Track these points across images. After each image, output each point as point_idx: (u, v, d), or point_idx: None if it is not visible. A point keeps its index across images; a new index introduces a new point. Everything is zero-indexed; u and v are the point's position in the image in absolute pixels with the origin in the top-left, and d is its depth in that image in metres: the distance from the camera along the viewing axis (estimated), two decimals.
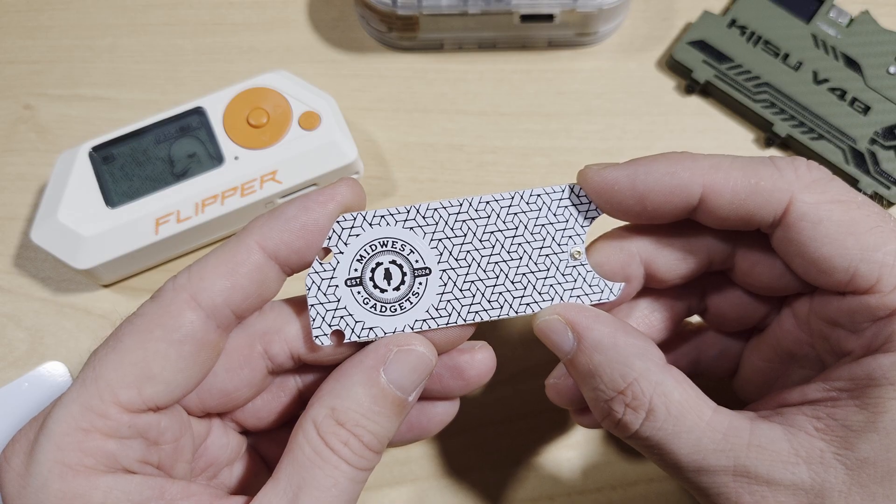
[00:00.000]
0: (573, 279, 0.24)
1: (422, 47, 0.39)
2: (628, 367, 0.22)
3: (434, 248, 0.24)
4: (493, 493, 0.31)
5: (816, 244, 0.22)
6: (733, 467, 0.21)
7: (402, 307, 0.24)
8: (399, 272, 0.24)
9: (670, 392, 0.22)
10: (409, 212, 0.24)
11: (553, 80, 0.38)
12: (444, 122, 0.38)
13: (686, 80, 0.38)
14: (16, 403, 0.33)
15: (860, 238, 0.21)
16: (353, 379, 0.22)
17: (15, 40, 0.40)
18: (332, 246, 0.24)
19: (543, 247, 0.24)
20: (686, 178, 0.22)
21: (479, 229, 0.24)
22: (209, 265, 0.22)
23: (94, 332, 0.34)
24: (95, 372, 0.21)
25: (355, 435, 0.22)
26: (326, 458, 0.21)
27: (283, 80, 0.35)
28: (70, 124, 0.38)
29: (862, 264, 0.21)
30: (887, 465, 0.20)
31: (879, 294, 0.21)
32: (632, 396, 0.22)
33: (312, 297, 0.24)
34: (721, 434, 0.21)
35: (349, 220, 0.24)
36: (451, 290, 0.24)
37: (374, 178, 0.37)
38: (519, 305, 0.24)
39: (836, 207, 0.21)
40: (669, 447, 0.22)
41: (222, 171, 0.33)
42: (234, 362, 0.24)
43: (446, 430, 0.32)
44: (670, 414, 0.21)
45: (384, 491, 0.31)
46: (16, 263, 0.36)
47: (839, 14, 0.37)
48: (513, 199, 0.24)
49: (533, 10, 0.36)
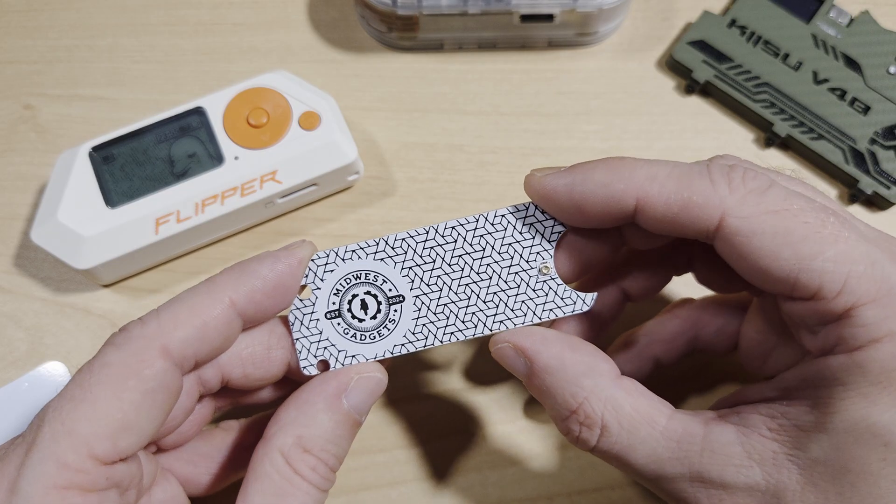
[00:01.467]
0: (544, 294, 0.25)
1: (422, 47, 0.39)
2: (578, 387, 0.23)
3: (405, 276, 0.25)
4: (492, 493, 0.31)
5: (753, 258, 0.21)
6: (689, 474, 0.22)
7: (380, 334, 0.25)
8: (374, 302, 0.25)
9: (621, 406, 0.22)
10: (379, 244, 0.25)
11: (553, 80, 0.38)
12: (444, 122, 0.38)
13: (686, 80, 0.38)
14: (16, 403, 0.33)
15: (797, 248, 0.21)
16: (316, 406, 0.23)
17: (15, 40, 0.40)
18: (309, 283, 0.25)
19: (512, 265, 0.25)
20: (620, 189, 0.22)
21: (448, 254, 0.25)
22: (181, 315, 0.22)
23: (94, 332, 0.34)
24: (66, 426, 0.20)
25: (321, 460, 0.23)
26: (297, 486, 0.22)
27: (283, 80, 0.35)
28: (70, 124, 0.38)
29: (801, 274, 0.21)
30: (838, 464, 0.20)
31: (824, 300, 0.21)
32: (584, 415, 0.23)
33: (297, 332, 0.25)
34: (675, 442, 0.22)
35: (322, 258, 0.25)
36: (426, 315, 0.25)
37: (374, 178, 0.37)
38: (493, 323, 0.25)
39: (770, 218, 0.21)
40: (627, 459, 0.22)
41: (222, 171, 0.33)
42: None
43: (446, 430, 0.32)
44: (623, 428, 0.22)
45: (384, 491, 0.32)
46: (16, 263, 0.36)
47: (839, 14, 0.37)
48: (477, 222, 0.25)
49: (533, 10, 0.36)
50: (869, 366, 0.20)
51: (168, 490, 0.25)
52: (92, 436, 0.20)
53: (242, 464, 0.27)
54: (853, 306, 0.20)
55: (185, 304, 0.23)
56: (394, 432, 0.32)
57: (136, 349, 0.22)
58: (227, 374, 0.24)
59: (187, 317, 0.22)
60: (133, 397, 0.21)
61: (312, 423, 0.23)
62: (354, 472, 0.32)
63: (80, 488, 0.20)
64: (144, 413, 0.21)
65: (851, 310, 0.20)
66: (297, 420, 0.23)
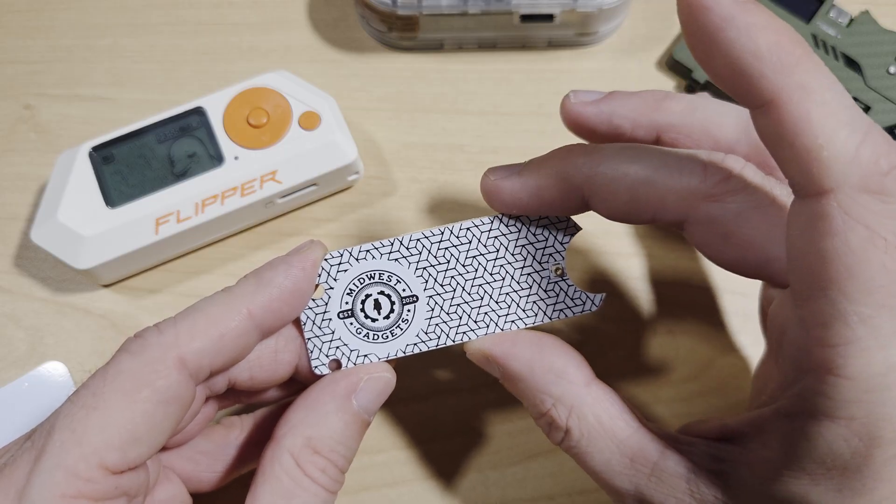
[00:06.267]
0: (555, 294, 0.25)
1: (422, 47, 0.39)
2: (545, 395, 0.23)
3: (419, 277, 0.25)
4: (493, 493, 0.31)
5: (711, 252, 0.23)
6: (635, 493, 0.22)
7: (392, 334, 0.25)
8: (388, 302, 0.25)
9: (584, 415, 0.23)
10: (393, 244, 0.25)
11: (553, 80, 0.38)
12: (444, 122, 0.38)
13: (686, 80, 0.38)
14: (16, 403, 0.33)
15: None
16: (326, 408, 0.23)
17: (15, 40, 0.40)
18: (322, 282, 0.25)
19: (525, 266, 0.25)
20: (568, 188, 0.23)
21: (462, 255, 0.25)
22: (199, 325, 0.22)
23: (94, 332, 0.34)
24: (76, 435, 0.20)
25: (331, 461, 0.23)
26: (306, 487, 0.22)
27: (283, 80, 0.35)
28: (70, 124, 0.38)
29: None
30: None
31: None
32: (551, 419, 0.23)
33: (308, 332, 0.25)
34: (628, 459, 0.22)
35: (336, 258, 0.25)
36: (439, 314, 0.25)
37: (374, 178, 0.37)
38: (504, 323, 0.25)
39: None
40: (584, 462, 0.23)
41: (222, 171, 0.33)
42: None
43: (446, 430, 0.32)
44: (583, 435, 0.23)
45: (384, 491, 0.31)
46: (16, 263, 0.36)
47: (839, 14, 0.37)
48: (492, 224, 0.25)
49: (533, 10, 0.36)
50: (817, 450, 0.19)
51: (170, 489, 0.25)
52: (102, 445, 0.20)
53: (244, 460, 0.27)
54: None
55: (202, 314, 0.22)
56: (394, 432, 0.32)
57: (151, 358, 0.21)
58: (233, 377, 0.24)
59: (204, 327, 0.22)
60: (146, 408, 0.21)
61: (322, 424, 0.23)
62: (354, 473, 0.32)
63: (89, 498, 0.20)
64: (156, 423, 0.21)
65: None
66: (307, 421, 0.23)
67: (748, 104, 0.19)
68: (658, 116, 0.26)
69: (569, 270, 0.34)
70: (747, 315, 0.33)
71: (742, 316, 0.33)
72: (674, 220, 0.23)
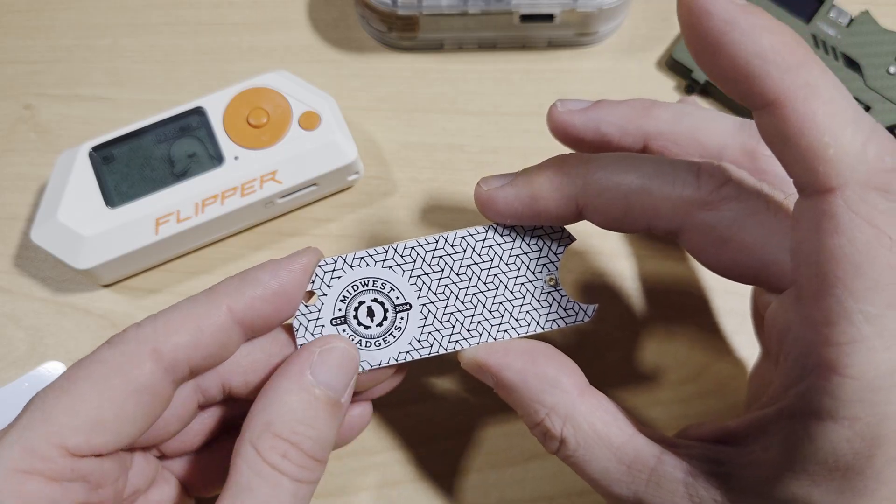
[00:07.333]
0: (548, 304, 0.25)
1: (422, 47, 0.39)
2: (539, 404, 0.23)
3: (413, 285, 0.25)
4: (493, 493, 0.31)
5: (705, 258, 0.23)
6: (633, 499, 0.22)
7: (385, 341, 0.25)
8: (381, 309, 0.25)
9: (579, 424, 0.23)
10: (388, 252, 0.25)
11: (553, 80, 0.38)
12: (444, 122, 0.38)
13: (686, 80, 0.38)
14: (16, 403, 0.32)
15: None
16: (281, 388, 0.22)
17: (15, 40, 0.40)
18: (315, 289, 0.25)
19: (518, 276, 0.25)
20: (559, 201, 0.24)
21: (456, 264, 0.25)
22: (176, 319, 0.22)
23: (94, 332, 0.34)
24: (44, 414, 0.20)
25: (293, 444, 0.21)
26: (266, 476, 0.21)
27: (283, 80, 0.35)
28: (70, 124, 0.38)
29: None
30: None
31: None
32: (545, 429, 0.23)
33: (301, 338, 0.25)
34: (626, 465, 0.22)
35: (330, 264, 0.25)
36: (432, 323, 0.25)
37: (374, 178, 0.37)
38: (497, 332, 0.25)
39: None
40: (582, 470, 0.23)
41: (222, 171, 0.33)
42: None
43: (447, 430, 0.32)
44: (579, 444, 0.23)
45: (384, 491, 0.32)
46: (16, 263, 0.36)
47: (839, 14, 0.37)
48: (487, 233, 0.25)
49: (533, 10, 0.36)
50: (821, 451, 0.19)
51: (166, 492, 0.25)
52: (67, 427, 0.20)
53: None
54: None
55: (181, 310, 0.23)
56: (394, 433, 0.32)
57: (128, 350, 0.22)
58: (227, 383, 0.24)
59: (182, 322, 0.22)
60: (115, 396, 0.21)
61: (280, 406, 0.22)
62: (354, 473, 0.32)
63: (43, 475, 0.20)
64: (126, 413, 0.21)
65: None
66: (265, 407, 0.22)
67: (752, 104, 0.18)
68: (646, 124, 0.26)
69: (564, 272, 0.34)
70: (744, 315, 0.33)
71: (739, 316, 0.33)
72: (669, 229, 0.23)
